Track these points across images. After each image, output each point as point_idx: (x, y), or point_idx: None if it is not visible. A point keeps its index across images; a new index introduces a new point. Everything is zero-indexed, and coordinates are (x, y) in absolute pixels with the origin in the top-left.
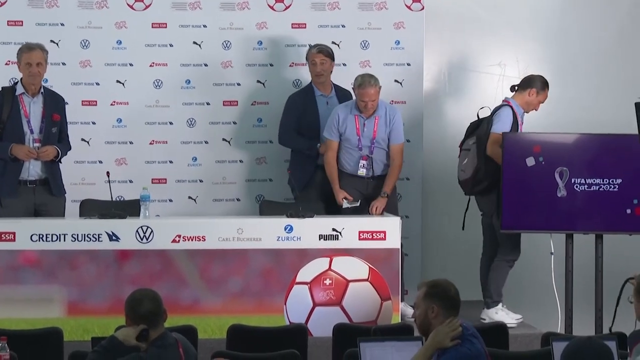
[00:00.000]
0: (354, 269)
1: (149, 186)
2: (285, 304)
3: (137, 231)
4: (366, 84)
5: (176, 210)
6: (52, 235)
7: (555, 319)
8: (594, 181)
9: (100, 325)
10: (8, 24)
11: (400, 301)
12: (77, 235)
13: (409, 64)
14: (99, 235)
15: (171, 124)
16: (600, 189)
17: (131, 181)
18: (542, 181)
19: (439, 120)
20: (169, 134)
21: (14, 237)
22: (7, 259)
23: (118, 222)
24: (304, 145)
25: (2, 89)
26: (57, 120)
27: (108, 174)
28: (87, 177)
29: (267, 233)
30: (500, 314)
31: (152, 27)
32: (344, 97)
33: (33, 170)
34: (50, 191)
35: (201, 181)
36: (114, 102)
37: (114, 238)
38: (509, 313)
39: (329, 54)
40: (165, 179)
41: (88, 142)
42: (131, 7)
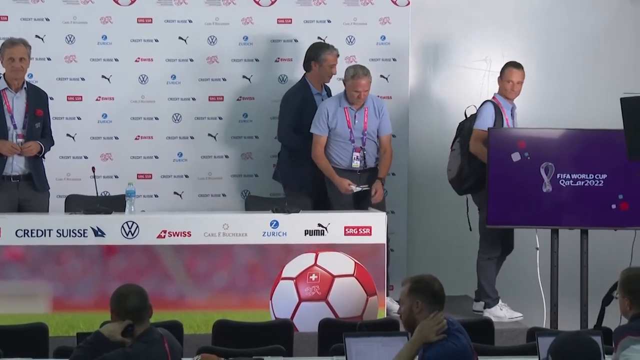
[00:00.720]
0: (339, 264)
1: (135, 181)
2: (271, 299)
3: (122, 227)
4: (360, 74)
5: (162, 206)
6: (37, 230)
7: (540, 314)
8: (579, 176)
9: (86, 321)
10: None
11: (385, 296)
12: (63, 230)
13: (394, 59)
14: (84, 230)
15: (157, 119)
16: (586, 184)
17: (116, 176)
18: (527, 176)
19: (425, 115)
20: (155, 129)
21: None
22: None
23: (103, 218)
24: (302, 144)
25: None
26: (41, 115)
27: (93, 169)
28: (73, 173)
29: (252, 228)
30: (505, 309)
31: (138, 22)
32: (330, 93)
33: (17, 165)
34: (34, 186)
35: (187, 176)
36: (99, 97)
37: (99, 233)
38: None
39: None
40: (151, 175)
41: (73, 138)
42: (116, 2)
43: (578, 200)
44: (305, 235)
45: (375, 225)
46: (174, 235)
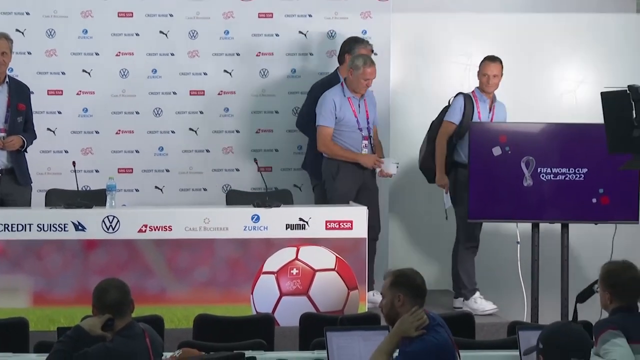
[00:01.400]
0: (320, 258)
1: (115, 176)
2: (252, 294)
3: (103, 221)
4: (369, 62)
5: (142, 200)
6: (17, 225)
7: (521, 308)
8: (559, 170)
9: (66, 316)
10: None
11: (368, 290)
12: (43, 225)
13: (375, 53)
14: (64, 225)
15: (137, 113)
16: (566, 178)
17: (97, 171)
18: (508, 170)
19: (406, 109)
20: (135, 123)
21: None
22: None
23: (84, 212)
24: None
25: None
26: (23, 109)
27: (74, 163)
28: (53, 167)
29: (233, 223)
30: (480, 301)
31: (118, 16)
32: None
33: None
34: (16, 181)
35: (167, 171)
36: (80, 91)
37: (80, 228)
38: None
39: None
40: (132, 169)
41: (54, 132)
42: None
43: (559, 194)
44: (287, 229)
45: (357, 219)
46: (154, 230)
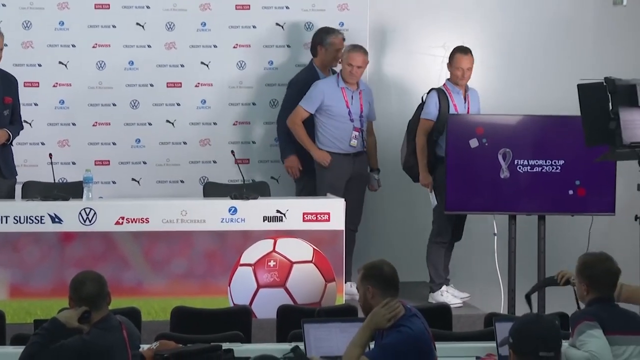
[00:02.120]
0: (298, 250)
1: (92, 168)
2: (229, 286)
3: (80, 213)
4: (358, 48)
5: (119, 192)
6: None
7: (498, 299)
8: (536, 162)
9: (43, 308)
10: None
11: (347, 281)
12: (20, 217)
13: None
14: (41, 217)
15: (114, 105)
16: (543, 170)
17: (74, 163)
18: (485, 163)
19: (383, 101)
20: (112, 115)
21: None
22: None
23: (61, 204)
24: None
25: None
26: (9, 102)
27: (50, 155)
28: (30, 159)
29: (211, 215)
30: (446, 295)
31: (95, 8)
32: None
33: None
34: (1, 173)
35: (145, 163)
36: (57, 83)
37: (56, 220)
38: (454, 293)
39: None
40: (109, 161)
41: (30, 124)
42: None
43: (535, 186)
44: (264, 221)
45: (334, 211)
46: (131, 222)
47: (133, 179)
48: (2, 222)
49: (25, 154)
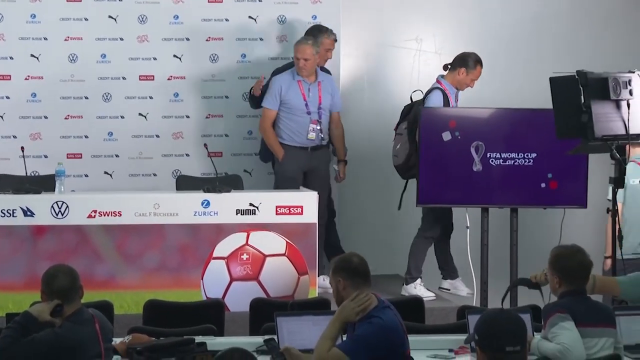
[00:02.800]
0: (271, 243)
1: (64, 161)
2: (202, 279)
3: (52, 206)
4: (302, 41)
5: (92, 186)
6: None
7: (470, 292)
8: (509, 155)
9: (15, 302)
10: None
11: (319, 274)
12: None
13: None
14: (13, 210)
15: (86, 98)
16: (516, 163)
17: (46, 156)
18: (458, 156)
19: (357, 94)
20: (85, 108)
21: None
22: None
23: (33, 198)
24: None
25: None
26: None
27: (22, 149)
28: (1, 152)
29: (183, 208)
30: (419, 288)
31: (67, 0)
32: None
33: None
34: None
35: (117, 156)
36: (28, 76)
37: (28, 213)
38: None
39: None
40: (81, 154)
41: (2, 117)
42: None
43: (508, 179)
44: (237, 214)
45: (307, 204)
46: (104, 215)
47: (105, 172)
48: None
49: None
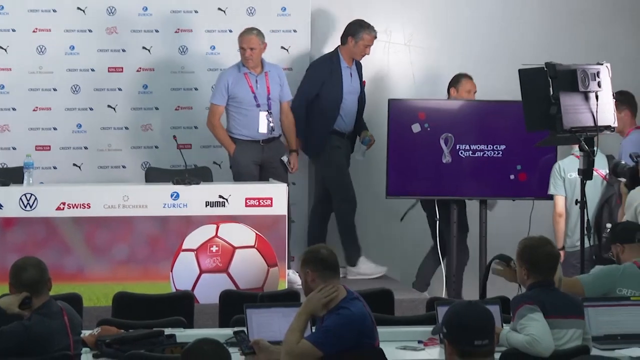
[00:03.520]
0: (240, 235)
1: (33, 153)
2: (172, 271)
3: (20, 199)
4: (247, 31)
5: (60, 178)
6: None
7: (440, 284)
8: (478, 147)
9: None
10: None
11: (287, 268)
12: None
13: (295, 30)
14: None
15: (55, 90)
16: (485, 155)
17: (14, 148)
18: (427, 147)
19: None
20: (53, 100)
21: None
22: None
23: (1, 190)
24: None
25: None
26: None
27: None
28: None
29: (153, 200)
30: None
31: None
32: (360, 69)
33: None
34: None
35: (86, 148)
36: None
37: None
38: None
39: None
40: (49, 146)
41: None
42: None
43: (477, 171)
44: (206, 206)
45: (276, 196)
46: (73, 207)
47: (74, 165)
48: None
49: None
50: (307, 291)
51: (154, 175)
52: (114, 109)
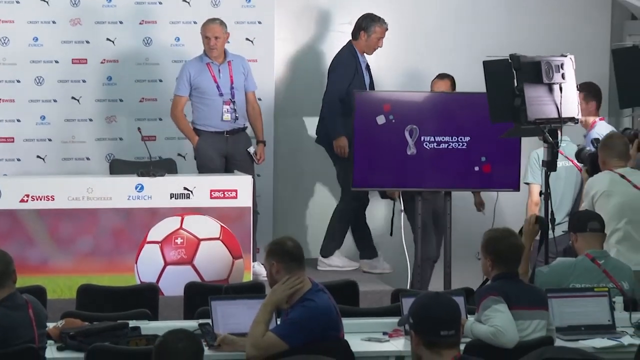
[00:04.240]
0: (205, 227)
1: None
2: (136, 263)
3: None
4: (210, 20)
5: (24, 170)
6: None
7: (405, 275)
8: (442, 139)
9: None
10: None
11: (252, 260)
12: None
13: (260, 22)
14: None
15: (18, 82)
16: (449, 147)
17: None
18: (392, 139)
19: (291, 79)
20: (17, 92)
21: None
22: None
23: None
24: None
25: None
26: None
27: None
28: None
29: (117, 192)
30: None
31: None
32: (368, 64)
33: None
34: None
35: (50, 140)
36: None
37: None
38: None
39: None
40: (13, 138)
41: None
42: None
43: (442, 163)
44: (171, 198)
45: (241, 188)
46: (37, 200)
47: (38, 157)
48: None
49: None
50: (272, 283)
51: (118, 167)
52: (78, 100)
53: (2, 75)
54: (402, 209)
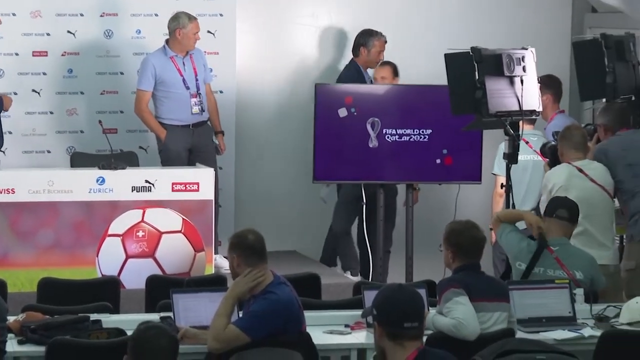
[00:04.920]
0: (167, 220)
1: None
2: (98, 257)
3: None
4: (193, 17)
5: None
6: None
7: (366, 268)
8: (404, 132)
9: None
10: None
11: (214, 253)
12: None
13: (221, 14)
14: None
15: None
16: (411, 139)
17: None
18: (354, 132)
19: (253, 72)
20: None
21: None
22: None
23: None
24: None
25: None
26: None
27: None
28: None
29: (78, 185)
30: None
31: None
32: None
33: None
34: None
35: (10, 133)
36: None
37: None
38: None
39: None
40: None
41: None
42: None
43: (403, 155)
44: (132, 191)
45: (203, 181)
46: None
47: None
48: None
49: None
50: (234, 276)
51: (79, 160)
52: (38, 93)
53: None
54: (364, 202)
